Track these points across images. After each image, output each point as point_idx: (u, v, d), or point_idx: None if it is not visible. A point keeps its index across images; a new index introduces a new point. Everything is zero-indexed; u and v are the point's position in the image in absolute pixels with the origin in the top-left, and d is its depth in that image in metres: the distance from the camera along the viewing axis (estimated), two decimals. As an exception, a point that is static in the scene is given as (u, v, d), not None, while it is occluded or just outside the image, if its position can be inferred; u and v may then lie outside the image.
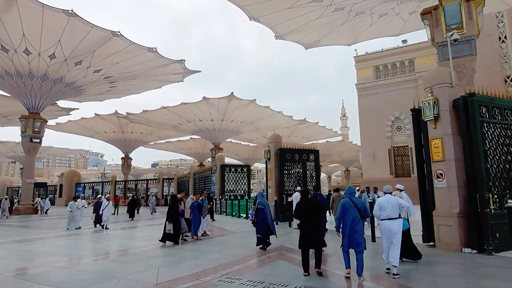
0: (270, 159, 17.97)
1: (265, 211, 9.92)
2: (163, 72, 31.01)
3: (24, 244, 11.59)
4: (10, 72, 26.32)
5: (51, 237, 13.27)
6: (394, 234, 6.70)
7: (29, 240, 12.73)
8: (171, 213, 10.88)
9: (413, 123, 10.36)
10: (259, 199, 10.36)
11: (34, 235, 14.29)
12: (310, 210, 6.99)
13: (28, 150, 28.79)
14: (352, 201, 6.65)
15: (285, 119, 43.07)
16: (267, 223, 9.76)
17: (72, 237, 13.32)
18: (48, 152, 63.10)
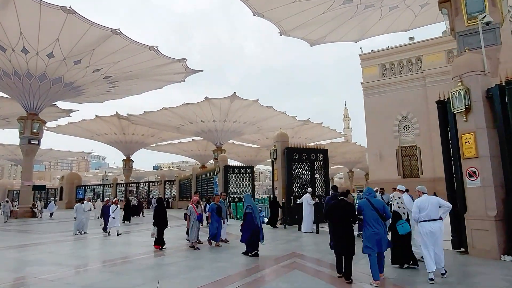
0: (276, 159, 16.99)
1: (254, 215, 9.08)
2: (165, 72, 30.10)
3: (15, 251, 10.63)
4: (8, 72, 25.45)
5: (45, 243, 12.29)
6: (438, 237, 6.10)
7: (21, 246, 11.76)
8: (156, 216, 10.42)
9: (439, 117, 9.36)
10: (247, 202, 9.47)
11: (28, 241, 13.33)
12: (343, 213, 6.29)
13: (26, 152, 27.88)
14: (370, 202, 6.19)
15: (289, 119, 42.08)
16: (252, 230, 8.88)
17: (67, 243, 12.35)
18: (49, 155, 62.26)
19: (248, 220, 8.95)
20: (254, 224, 8.90)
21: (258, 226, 8.94)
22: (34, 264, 8.36)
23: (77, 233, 14.65)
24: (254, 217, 8.91)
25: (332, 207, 6.61)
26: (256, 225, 8.87)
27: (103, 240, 12.88)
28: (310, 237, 12.33)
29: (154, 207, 11.41)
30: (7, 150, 56.27)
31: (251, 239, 8.80)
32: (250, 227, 8.87)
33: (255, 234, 8.83)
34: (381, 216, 6.13)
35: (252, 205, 9.31)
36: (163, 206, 10.81)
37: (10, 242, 12.74)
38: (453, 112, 8.62)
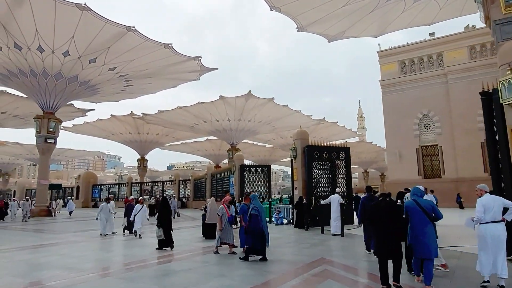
0: (296, 157, 16.15)
1: (260, 218, 8.33)
2: (179, 70, 29.57)
3: (26, 252, 10.08)
4: (24, 71, 25.28)
5: (58, 244, 11.76)
6: (503, 241, 5.47)
7: (33, 247, 11.23)
8: (161, 217, 10.04)
9: (484, 110, 8.38)
10: (254, 203, 8.62)
11: (41, 241, 12.82)
12: (387, 213, 5.59)
13: (42, 151, 27.71)
14: (417, 203, 5.68)
15: (304, 118, 41.11)
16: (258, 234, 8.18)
17: (80, 244, 11.78)
18: (66, 154, 62.68)
19: (253, 223, 8.26)
20: (260, 227, 8.18)
21: (263, 229, 8.22)
22: (43, 268, 7.74)
23: (106, 234, 13.57)
24: (260, 219, 8.24)
25: (374, 207, 5.89)
26: (262, 229, 8.21)
27: (118, 241, 12.26)
28: (336, 240, 11.45)
29: (158, 207, 10.98)
30: (25, 150, 56.81)
31: (256, 244, 8.15)
32: (255, 230, 8.18)
33: (261, 238, 8.17)
34: (429, 217, 5.55)
35: (259, 206, 8.49)
36: (168, 206, 10.48)
37: (22, 243, 12.25)
38: (502, 103, 7.65)
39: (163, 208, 10.28)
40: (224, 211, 9.34)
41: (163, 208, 10.29)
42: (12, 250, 10.41)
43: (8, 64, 24.77)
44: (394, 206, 5.73)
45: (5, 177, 67.37)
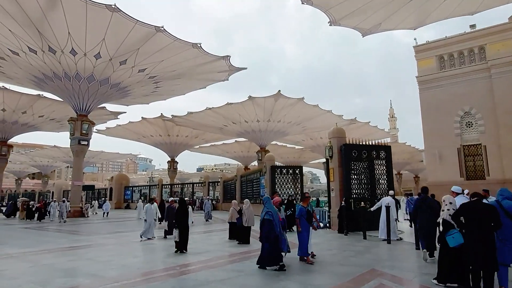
0: (332, 156, 14.95)
1: (274, 222, 7.48)
2: (208, 70, 29.05)
3: (51, 256, 9.55)
4: (59, 74, 25.59)
5: (87, 247, 11.24)
6: None
7: (61, 250, 10.74)
8: (178, 219, 9.78)
9: None
10: (267, 206, 7.72)
11: (70, 243, 12.35)
12: (486, 216, 4.87)
13: (76, 153, 27.96)
14: (501, 206, 5.09)
15: (335, 118, 39.43)
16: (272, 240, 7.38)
17: (109, 247, 11.21)
18: (99, 156, 64.23)
19: (266, 228, 7.43)
20: (274, 233, 7.35)
21: (278, 235, 7.39)
22: (66, 275, 7.08)
23: (149, 238, 12.55)
24: (274, 224, 7.41)
25: (470, 209, 5.05)
26: (276, 234, 7.38)
27: (148, 246, 11.57)
28: (383, 247, 10.20)
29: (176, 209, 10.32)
30: (62, 152, 58.59)
31: (271, 251, 7.32)
32: (269, 236, 7.36)
33: (276, 244, 7.35)
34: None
35: (273, 210, 7.62)
36: (185, 208, 10.11)
37: (51, 245, 11.83)
38: None
39: (180, 210, 9.93)
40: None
41: (180, 210, 9.94)
42: (39, 253, 9.94)
43: (44, 68, 25.14)
44: (493, 209, 4.70)
45: (45, 179, 69.95)
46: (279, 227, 7.52)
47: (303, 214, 8.13)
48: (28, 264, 8.35)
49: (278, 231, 7.43)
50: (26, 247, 11.14)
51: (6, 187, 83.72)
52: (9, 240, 13.67)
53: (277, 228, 7.43)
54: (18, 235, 15.81)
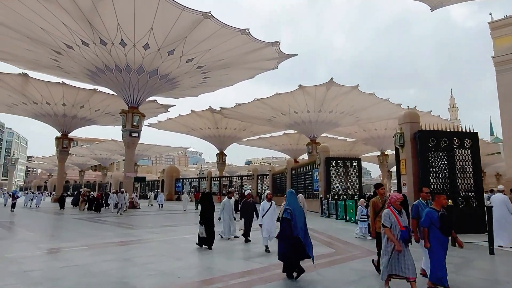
0: (403, 145, 12.55)
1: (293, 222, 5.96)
2: (256, 58, 27.44)
3: (89, 254, 8.45)
4: (110, 67, 25.50)
5: (129, 243, 10.14)
6: None
7: (101, 245, 9.73)
8: (204, 213, 9.13)
9: None
10: (288, 202, 6.24)
11: (113, 237, 11.38)
12: None
13: (127, 145, 27.92)
14: None
15: (392, 108, 36.12)
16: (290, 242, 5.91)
17: (151, 244, 10.02)
18: (152, 149, 65.83)
19: (284, 229, 6.03)
20: (293, 234, 5.87)
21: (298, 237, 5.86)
22: (92, 282, 5.79)
23: (230, 237, 10.59)
24: (293, 225, 5.92)
25: None
26: (296, 236, 5.86)
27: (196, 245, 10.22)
28: (501, 260, 7.82)
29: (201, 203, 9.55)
30: (119, 146, 60.62)
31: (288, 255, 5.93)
32: (286, 238, 5.97)
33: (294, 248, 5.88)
34: None
35: (293, 207, 6.06)
36: (211, 202, 9.40)
37: (92, 239, 10.90)
38: None
39: (207, 204, 9.30)
40: (395, 220, 5.15)
41: (207, 204, 9.31)
42: (77, 250, 8.94)
43: (96, 61, 25.14)
44: None
45: (104, 171, 73.46)
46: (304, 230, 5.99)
47: (434, 222, 5.22)
48: (60, 263, 7.30)
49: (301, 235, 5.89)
50: (67, 241, 10.32)
51: (71, 178, 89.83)
52: (54, 232, 13.16)
53: (297, 229, 5.89)
54: (67, 227, 15.43)
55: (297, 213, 6.01)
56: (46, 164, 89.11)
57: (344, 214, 16.29)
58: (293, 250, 5.84)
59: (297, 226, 5.88)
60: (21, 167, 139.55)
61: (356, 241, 10.42)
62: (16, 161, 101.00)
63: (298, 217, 5.96)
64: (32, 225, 15.78)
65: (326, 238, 10.83)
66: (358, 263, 7.31)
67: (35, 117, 37.44)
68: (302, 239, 5.84)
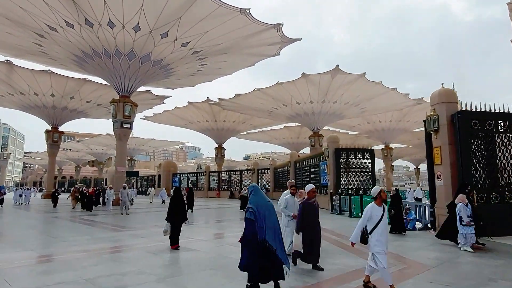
0: (438, 130, 10.35)
1: (261, 222, 4.42)
2: (257, 43, 25.07)
3: (42, 270, 6.23)
4: (98, 51, 23.09)
5: (103, 252, 7.92)
6: None
7: (65, 255, 7.49)
8: (172, 210, 8.11)
9: None
10: (253, 199, 4.66)
11: (86, 244, 9.17)
12: None
13: (119, 136, 25.60)
14: None
15: (399, 98, 33.98)
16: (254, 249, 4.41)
17: (135, 253, 7.80)
18: (149, 144, 63.47)
19: (248, 232, 4.49)
20: (257, 238, 4.35)
21: (265, 240, 4.33)
22: None
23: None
24: (258, 227, 4.39)
25: None
26: (263, 240, 4.34)
27: (187, 258, 7.99)
28: None
29: (171, 198, 8.37)
30: (114, 140, 58.18)
31: (252, 264, 4.42)
32: (250, 243, 4.44)
33: (262, 255, 4.36)
34: None
35: (260, 205, 4.54)
36: (181, 198, 8.43)
37: (55, 247, 8.67)
38: None
39: (176, 200, 8.19)
40: None
41: (176, 199, 8.20)
42: (26, 263, 6.69)
43: (82, 45, 22.74)
44: None
45: (100, 166, 71.08)
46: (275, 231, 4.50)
47: None
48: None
49: (270, 237, 4.37)
50: (22, 249, 8.10)
51: (68, 174, 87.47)
52: (18, 234, 10.90)
53: (264, 231, 4.34)
54: (40, 228, 13.20)
55: (264, 212, 4.47)
56: (42, 159, 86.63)
57: (360, 211, 14.08)
58: (260, 258, 4.32)
59: (264, 228, 4.37)
60: (18, 163, 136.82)
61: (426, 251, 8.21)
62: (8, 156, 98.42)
63: (267, 216, 4.46)
64: None
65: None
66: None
67: (24, 109, 35.04)
68: (271, 242, 4.30)
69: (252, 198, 4.61)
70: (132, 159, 63.92)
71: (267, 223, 4.41)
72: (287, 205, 7.03)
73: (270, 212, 4.54)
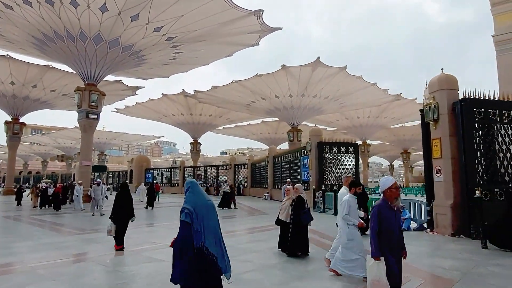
0: (438, 120, 9.24)
1: (200, 226, 3.39)
2: (236, 31, 23.44)
3: None
4: (60, 33, 20.71)
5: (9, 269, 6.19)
6: None
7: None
8: (117, 209, 7.34)
9: None
10: (189, 196, 3.60)
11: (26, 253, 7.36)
12: None
13: (84, 128, 23.27)
14: None
15: (379, 93, 33.38)
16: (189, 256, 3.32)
17: (44, 271, 6.13)
18: (121, 138, 60.32)
19: (182, 236, 3.45)
20: (194, 244, 3.35)
21: (204, 247, 3.35)
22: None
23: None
24: (195, 231, 3.39)
25: None
26: (200, 247, 3.34)
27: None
28: None
29: (116, 194, 7.88)
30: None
31: (188, 276, 3.35)
32: (185, 250, 3.39)
33: (199, 264, 3.35)
34: None
35: (194, 204, 3.52)
36: (128, 195, 7.66)
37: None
38: None
39: (122, 197, 7.51)
40: None
41: (122, 196, 7.53)
42: None
43: (42, 26, 20.30)
44: None
45: (69, 161, 67.16)
46: (215, 235, 3.53)
47: None
48: None
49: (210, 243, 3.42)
50: None
51: (34, 169, 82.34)
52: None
53: (201, 236, 3.39)
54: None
55: (202, 212, 3.54)
56: (5, 153, 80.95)
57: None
58: (198, 268, 3.39)
59: (202, 231, 3.47)
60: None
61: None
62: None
63: (205, 218, 3.54)
64: None
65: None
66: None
67: (-21, 98, 31.69)
68: (211, 249, 3.39)
69: (188, 197, 3.60)
70: (103, 154, 60.60)
71: (206, 226, 3.48)
72: (350, 210, 5.06)
73: (210, 212, 3.61)
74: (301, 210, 6.24)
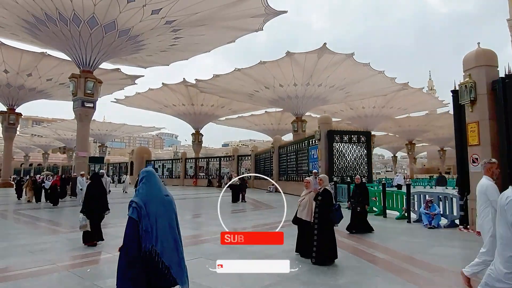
0: (475, 101, 7.95)
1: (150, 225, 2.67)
2: (239, 14, 22.01)
3: None
4: (52, 16, 19.33)
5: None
6: None
7: None
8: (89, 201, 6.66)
9: None
10: (142, 187, 2.85)
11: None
12: None
13: (80, 117, 22.04)
14: None
15: (386, 82, 31.92)
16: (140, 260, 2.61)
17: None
18: (122, 129, 59.11)
19: (127, 237, 2.71)
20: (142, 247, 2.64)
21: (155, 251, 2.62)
22: None
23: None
24: (145, 231, 2.65)
25: None
26: (150, 251, 2.64)
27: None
28: None
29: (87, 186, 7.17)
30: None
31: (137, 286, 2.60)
32: (130, 254, 2.66)
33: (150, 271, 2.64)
34: None
35: (147, 199, 2.72)
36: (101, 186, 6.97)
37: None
38: None
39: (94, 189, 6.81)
40: None
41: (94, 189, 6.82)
42: None
43: (33, 7, 18.91)
44: None
45: (69, 153, 66.02)
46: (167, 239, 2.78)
47: None
48: None
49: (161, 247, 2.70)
50: None
51: (35, 161, 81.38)
52: None
53: (151, 238, 2.69)
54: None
55: (156, 209, 2.78)
56: (1, 145, 79.95)
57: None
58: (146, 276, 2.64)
59: (154, 232, 2.71)
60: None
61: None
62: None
63: (159, 216, 2.77)
64: None
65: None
66: None
67: (-27, 87, 30.42)
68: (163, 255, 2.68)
69: (140, 188, 2.93)
70: (103, 146, 59.47)
71: (160, 226, 2.80)
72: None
73: (167, 209, 2.92)
74: (329, 207, 5.03)
